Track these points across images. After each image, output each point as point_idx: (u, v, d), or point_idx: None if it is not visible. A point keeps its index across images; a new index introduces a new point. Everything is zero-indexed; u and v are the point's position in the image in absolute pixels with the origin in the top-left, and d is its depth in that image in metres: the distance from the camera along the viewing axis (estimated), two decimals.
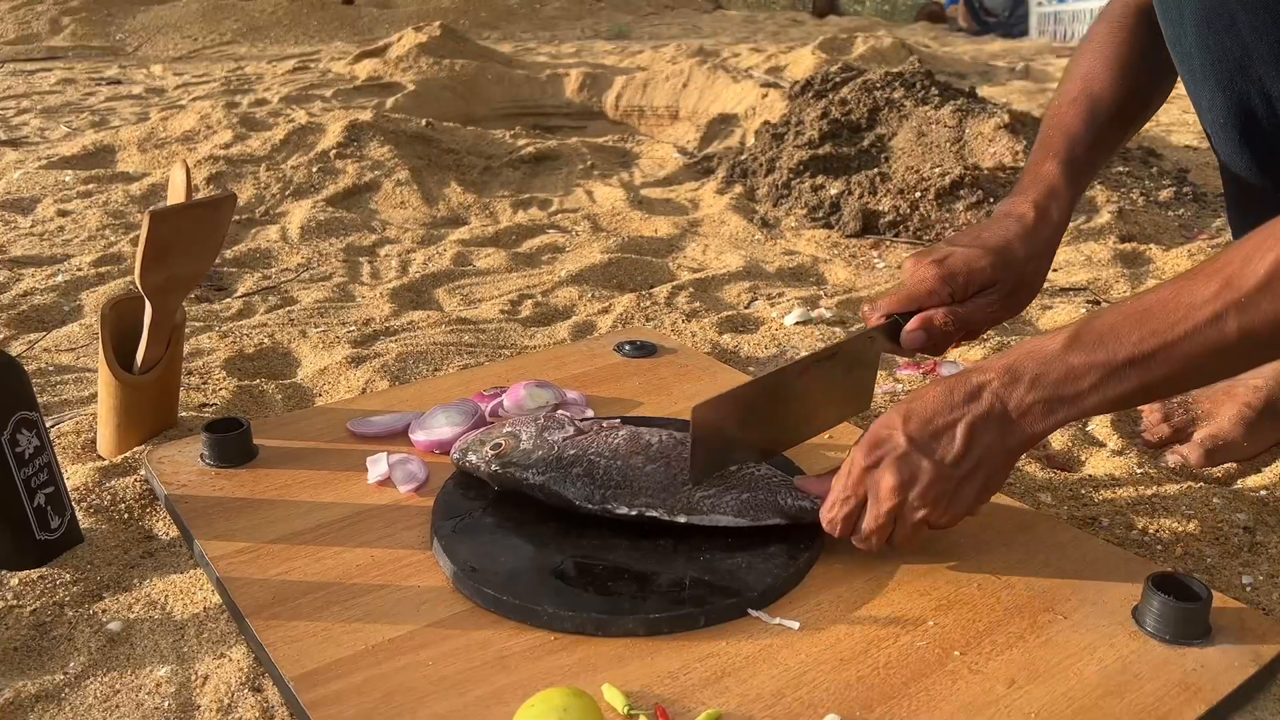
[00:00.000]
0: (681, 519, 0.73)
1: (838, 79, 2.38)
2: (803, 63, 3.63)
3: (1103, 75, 0.88)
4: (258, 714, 0.62)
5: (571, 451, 0.77)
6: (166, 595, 0.75)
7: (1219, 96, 0.79)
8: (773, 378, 0.75)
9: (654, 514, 0.73)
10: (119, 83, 3.77)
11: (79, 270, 1.56)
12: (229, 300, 1.46)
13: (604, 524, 0.75)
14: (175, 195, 0.91)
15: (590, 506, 0.74)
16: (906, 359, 1.20)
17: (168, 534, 0.83)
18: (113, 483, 0.88)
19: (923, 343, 0.78)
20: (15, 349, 1.26)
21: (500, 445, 0.79)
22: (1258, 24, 0.72)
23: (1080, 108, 0.88)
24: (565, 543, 0.74)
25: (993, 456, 0.67)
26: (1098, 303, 1.37)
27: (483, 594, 0.68)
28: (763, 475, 0.77)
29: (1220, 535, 0.81)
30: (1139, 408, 1.03)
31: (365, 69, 3.76)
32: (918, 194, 1.77)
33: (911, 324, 0.78)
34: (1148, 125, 2.75)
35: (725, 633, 0.66)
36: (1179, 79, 0.86)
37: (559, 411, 0.82)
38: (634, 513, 0.74)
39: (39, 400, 0.96)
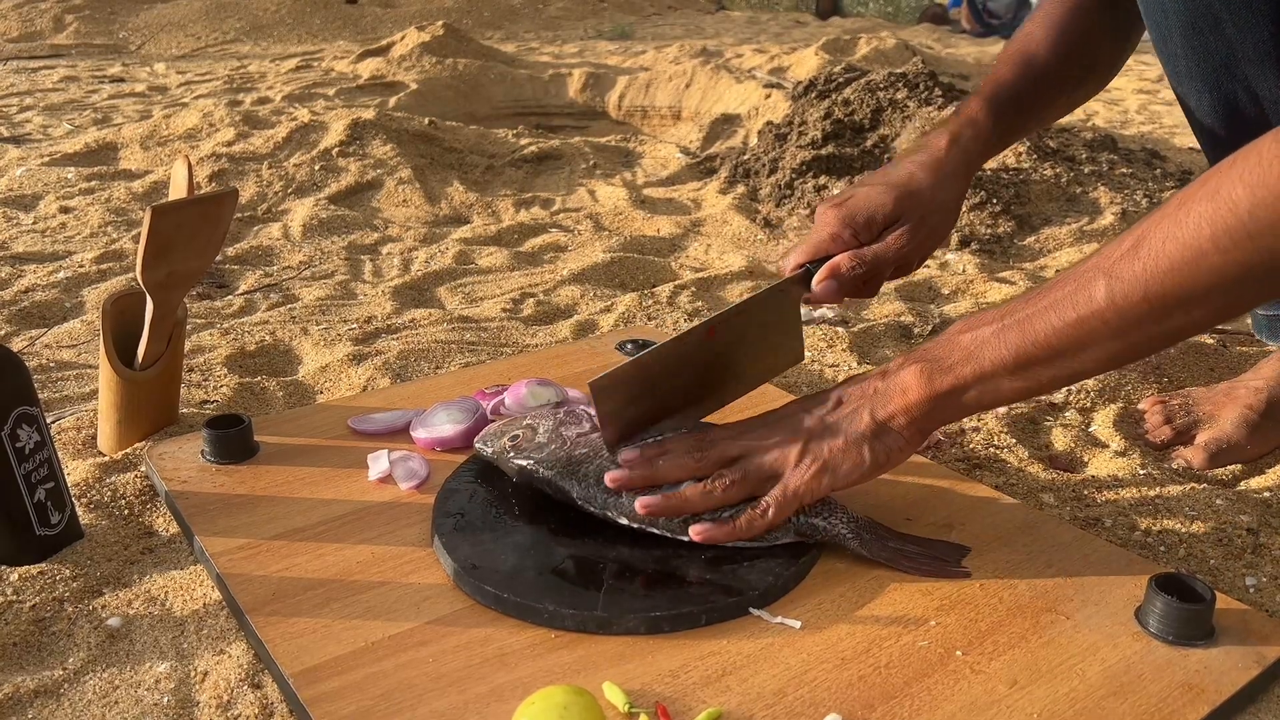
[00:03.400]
0: (686, 538, 0.72)
1: (841, 79, 2.38)
2: (806, 63, 3.63)
3: (1040, 38, 0.92)
4: (257, 710, 0.62)
5: (583, 449, 0.77)
6: (166, 591, 0.74)
7: (1206, 96, 0.79)
8: (674, 343, 0.74)
9: (656, 531, 0.72)
10: (122, 80, 3.78)
11: (80, 267, 1.56)
12: (231, 297, 1.45)
13: (605, 523, 0.75)
14: (177, 191, 0.91)
15: (592, 509, 0.74)
16: None
17: (168, 530, 0.83)
18: (113, 479, 0.88)
19: (834, 291, 0.78)
20: (16, 345, 1.26)
21: (518, 437, 0.78)
22: (1242, 23, 0.73)
23: (1013, 62, 0.91)
24: (566, 541, 0.74)
25: (856, 409, 0.69)
26: None
27: (483, 591, 0.68)
28: None
29: (1223, 537, 0.81)
30: (1140, 409, 1.03)
31: (368, 68, 3.76)
32: None
33: (820, 274, 0.78)
34: (1150, 127, 2.75)
35: (726, 631, 0.66)
36: (1126, 63, 0.92)
37: (580, 406, 0.81)
38: (635, 526, 0.73)
39: (40, 396, 0.96)
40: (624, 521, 0.73)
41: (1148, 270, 0.57)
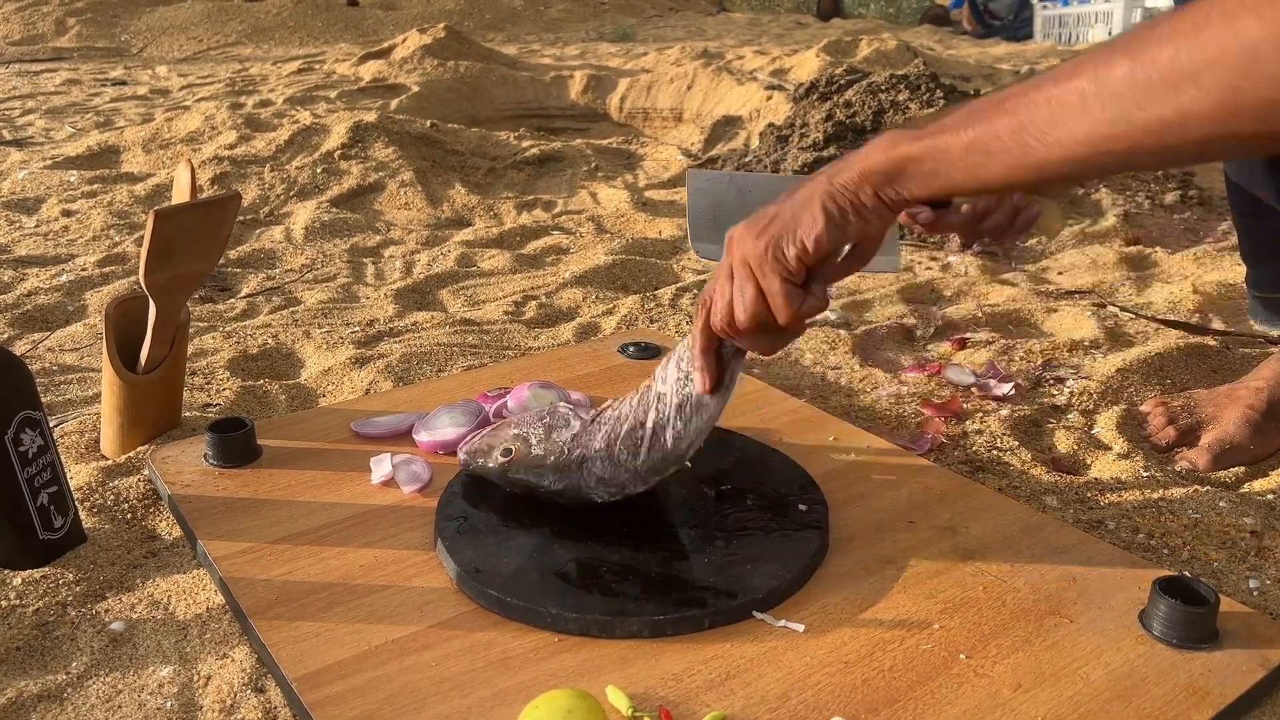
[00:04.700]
0: (643, 489, 0.76)
1: (842, 81, 2.38)
2: (807, 65, 3.63)
3: None
4: (260, 715, 0.62)
5: (578, 451, 0.77)
6: (169, 595, 0.74)
7: None
8: (770, 176, 0.79)
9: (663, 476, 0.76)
10: (124, 84, 3.78)
11: (83, 270, 1.56)
12: (233, 301, 1.46)
13: (608, 525, 0.75)
14: (180, 194, 0.91)
15: (612, 498, 0.76)
16: (912, 363, 1.20)
17: (171, 534, 0.83)
18: (116, 482, 0.88)
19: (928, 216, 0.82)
20: (19, 349, 1.26)
21: (511, 452, 0.78)
22: None
23: None
24: (569, 544, 0.74)
25: (814, 178, 0.67)
26: (1103, 305, 1.36)
27: (486, 595, 0.68)
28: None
29: (1227, 539, 0.81)
30: (1143, 411, 1.02)
31: (370, 70, 3.76)
32: None
33: None
34: None
35: (730, 635, 0.66)
36: None
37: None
38: (647, 487, 0.76)
39: (43, 400, 0.96)
40: (641, 488, 0.76)
41: (1140, 36, 0.51)
